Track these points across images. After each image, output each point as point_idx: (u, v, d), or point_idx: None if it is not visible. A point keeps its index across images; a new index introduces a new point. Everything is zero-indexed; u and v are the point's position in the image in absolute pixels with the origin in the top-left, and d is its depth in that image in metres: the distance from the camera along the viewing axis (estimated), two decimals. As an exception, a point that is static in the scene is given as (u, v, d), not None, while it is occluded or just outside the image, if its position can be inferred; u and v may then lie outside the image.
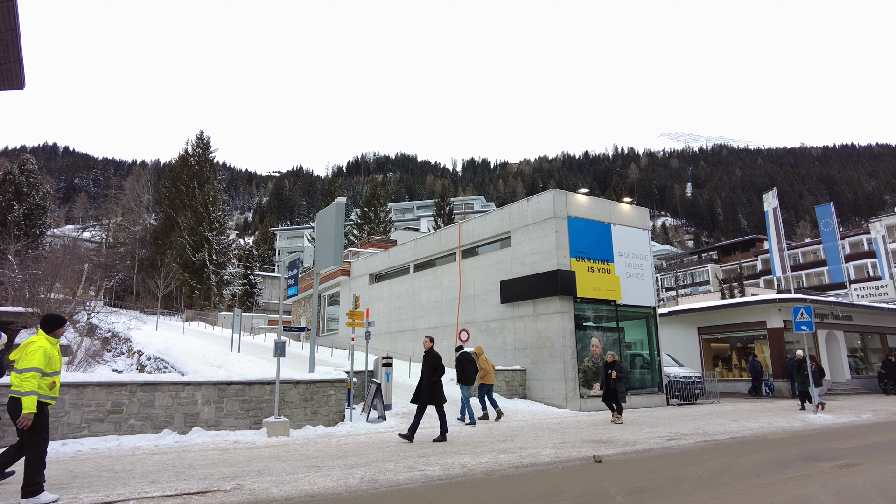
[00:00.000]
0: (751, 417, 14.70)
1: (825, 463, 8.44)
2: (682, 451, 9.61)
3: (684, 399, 19.41)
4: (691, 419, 14.38)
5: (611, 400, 13.41)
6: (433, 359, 10.33)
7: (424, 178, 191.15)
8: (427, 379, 10.15)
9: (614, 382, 13.25)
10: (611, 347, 18.21)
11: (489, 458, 8.63)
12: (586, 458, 8.71)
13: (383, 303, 25.56)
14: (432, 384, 10.14)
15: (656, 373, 18.87)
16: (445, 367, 10.74)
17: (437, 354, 10.47)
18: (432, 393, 10.16)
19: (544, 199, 18.17)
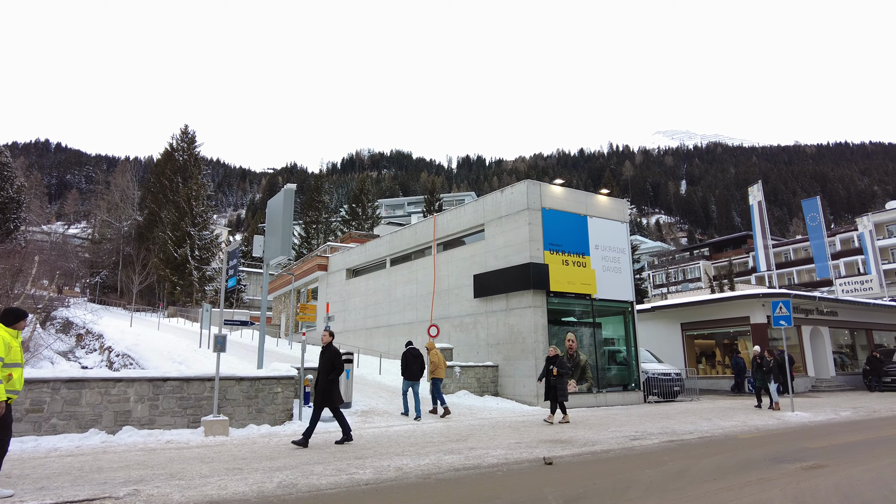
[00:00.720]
0: (726, 416, 14.18)
1: (790, 465, 7.90)
2: (643, 452, 9.06)
3: (663, 396, 18.90)
4: (664, 418, 13.85)
5: (552, 398, 12.40)
6: (331, 355, 9.32)
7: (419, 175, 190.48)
8: (323, 377, 9.17)
9: (556, 379, 12.33)
10: (587, 343, 17.69)
11: (431, 460, 8.06)
12: (537, 460, 8.16)
13: (360, 298, 24.95)
14: (328, 383, 9.14)
15: (633, 369, 18.33)
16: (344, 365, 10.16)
17: (336, 350, 9.51)
18: (325, 393, 9.11)
19: (518, 190, 17.58)
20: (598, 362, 17.50)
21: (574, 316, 17.95)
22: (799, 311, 24.16)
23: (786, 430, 11.95)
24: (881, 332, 29.42)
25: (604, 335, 18.67)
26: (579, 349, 17.53)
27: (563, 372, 12.36)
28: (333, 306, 27.10)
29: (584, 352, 17.53)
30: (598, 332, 18.07)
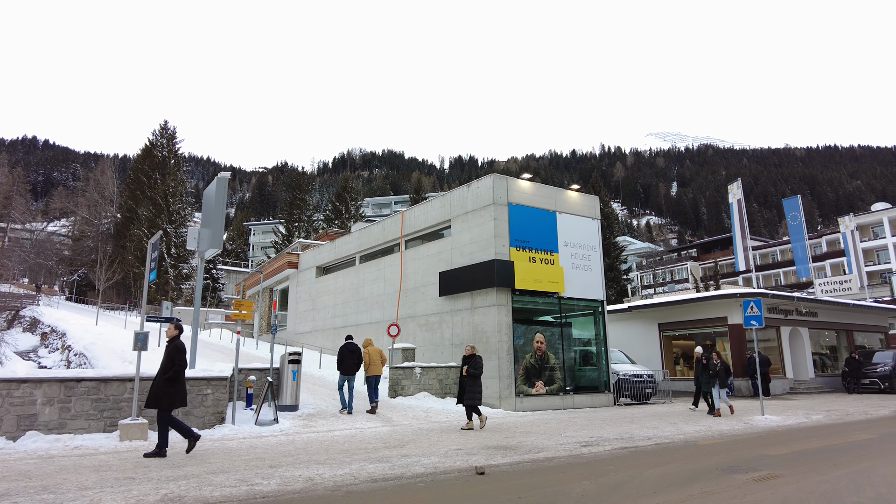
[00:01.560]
0: (693, 420, 13.58)
1: (742, 475, 7.28)
2: (590, 460, 8.43)
3: (635, 399, 18.31)
4: (627, 421, 13.24)
5: (465, 401, 11.40)
6: (172, 351, 8.13)
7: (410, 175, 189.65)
8: (159, 377, 8.04)
9: (466, 380, 11.29)
10: (556, 343, 17.07)
11: (352, 469, 7.39)
12: (469, 470, 7.52)
13: (329, 297, 24.23)
14: (163, 383, 7.95)
15: (603, 371, 17.72)
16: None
17: (180, 346, 8.22)
18: (157, 394, 7.92)
19: (484, 185, 16.94)
20: (564, 363, 16.87)
21: (542, 315, 17.33)
22: (778, 311, 23.68)
23: (751, 435, 11.36)
24: (863, 334, 29.03)
25: (574, 335, 18.05)
26: (548, 350, 16.94)
27: (474, 372, 11.32)
28: (303, 305, 26.37)
29: (552, 352, 16.93)
30: (567, 332, 17.45)
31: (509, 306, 15.99)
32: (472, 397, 11.18)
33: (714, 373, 14.42)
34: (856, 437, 11.07)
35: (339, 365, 13.35)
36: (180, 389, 8.09)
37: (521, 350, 16.34)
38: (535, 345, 16.68)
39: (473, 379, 11.22)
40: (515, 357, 15.93)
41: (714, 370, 14.42)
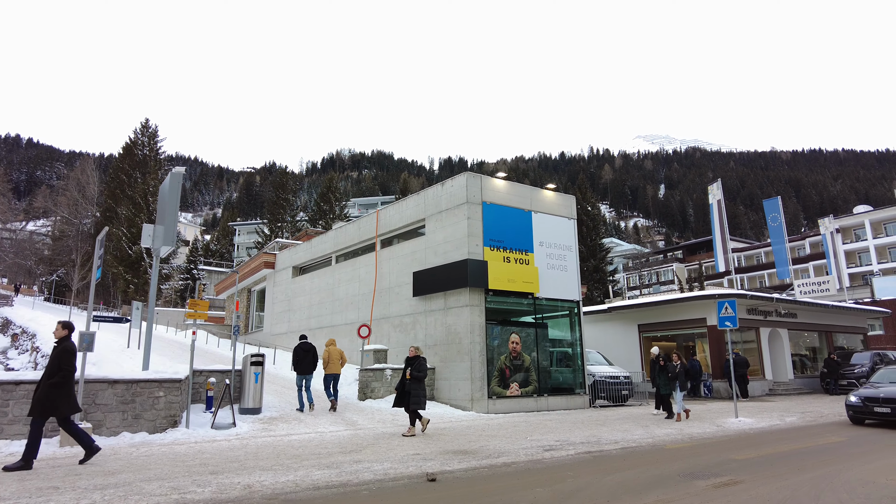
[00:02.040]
0: (665, 422, 13.35)
1: (703, 481, 7.03)
2: (550, 465, 8.14)
3: (612, 401, 18.10)
4: (598, 424, 12.99)
5: (404, 404, 10.76)
6: (60, 353, 7.37)
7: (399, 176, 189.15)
8: (43, 381, 7.28)
9: (411, 384, 10.66)
10: (531, 344, 16.80)
11: (297, 476, 7.05)
12: (420, 476, 7.21)
13: (305, 297, 23.81)
14: (48, 388, 7.19)
15: (579, 372, 17.48)
16: None
17: (69, 347, 7.48)
18: (42, 401, 7.14)
19: (458, 183, 16.65)
20: (539, 364, 16.61)
21: (517, 316, 17.07)
22: (757, 312, 23.61)
23: (721, 439, 11.13)
24: (844, 335, 29.10)
25: (550, 336, 17.79)
26: (523, 351, 16.67)
27: (418, 375, 10.75)
28: (279, 306, 25.93)
29: (528, 353, 16.67)
30: (542, 333, 17.19)
31: (482, 307, 15.70)
32: (417, 401, 10.58)
33: (673, 375, 13.87)
34: (826, 439, 10.90)
35: (294, 365, 13.34)
36: (66, 395, 7.30)
37: (497, 351, 16.06)
38: (510, 346, 16.40)
39: (417, 382, 10.66)
40: (489, 358, 15.63)
41: (673, 372, 13.89)
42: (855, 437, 11.20)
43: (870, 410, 12.25)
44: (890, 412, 11.91)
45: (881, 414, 12.08)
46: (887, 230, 59.11)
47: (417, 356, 10.88)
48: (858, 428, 12.37)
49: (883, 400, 12.13)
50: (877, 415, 12.16)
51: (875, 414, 12.18)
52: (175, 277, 46.57)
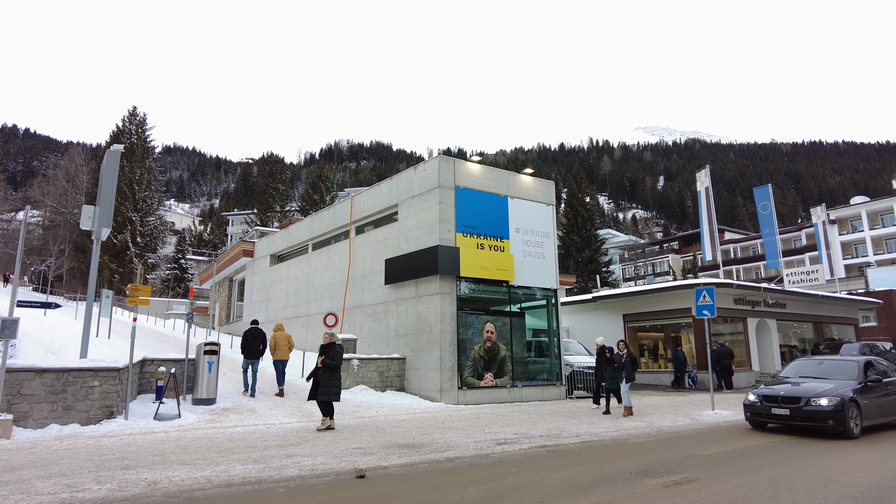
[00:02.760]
0: (636, 415, 12.84)
1: (654, 479, 6.52)
2: (498, 460, 7.64)
3: (590, 392, 17.56)
4: (567, 416, 12.49)
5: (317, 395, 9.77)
6: None
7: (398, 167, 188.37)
8: None
9: (323, 373, 9.73)
10: (508, 333, 16.28)
11: (216, 471, 6.55)
12: (350, 472, 6.69)
13: (281, 286, 23.28)
14: None
15: (555, 363, 16.97)
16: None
17: None
18: None
19: (430, 167, 16.05)
20: (513, 354, 16.09)
21: (493, 304, 16.52)
22: (745, 302, 23.08)
23: (691, 432, 10.62)
24: (836, 326, 28.58)
25: (527, 325, 17.26)
26: (498, 340, 16.16)
27: (331, 363, 9.71)
28: (257, 295, 25.41)
29: (504, 343, 16.15)
30: (519, 322, 16.65)
31: (454, 295, 15.16)
32: (327, 392, 9.65)
33: (620, 366, 12.82)
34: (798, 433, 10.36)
35: (242, 349, 13.31)
36: None
37: (471, 341, 15.55)
38: (484, 335, 15.89)
39: (331, 371, 9.74)
40: (461, 348, 15.12)
41: (620, 363, 12.83)
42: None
43: (767, 412, 9.99)
44: (789, 414, 9.69)
45: (779, 416, 9.84)
46: (884, 221, 58.50)
47: (332, 343, 10.02)
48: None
49: (782, 399, 9.87)
50: (775, 417, 9.92)
51: (773, 416, 9.94)
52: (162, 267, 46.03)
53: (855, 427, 9.45)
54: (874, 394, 10.10)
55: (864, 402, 9.71)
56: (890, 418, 10.53)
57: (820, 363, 11.41)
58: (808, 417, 9.50)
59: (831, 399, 9.41)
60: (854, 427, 9.44)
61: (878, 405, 10.13)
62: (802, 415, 9.54)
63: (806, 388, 10.01)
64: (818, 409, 9.39)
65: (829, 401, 9.40)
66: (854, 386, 9.85)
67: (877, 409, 10.06)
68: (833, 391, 9.61)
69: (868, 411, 9.76)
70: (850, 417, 9.36)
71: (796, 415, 9.61)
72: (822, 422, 9.37)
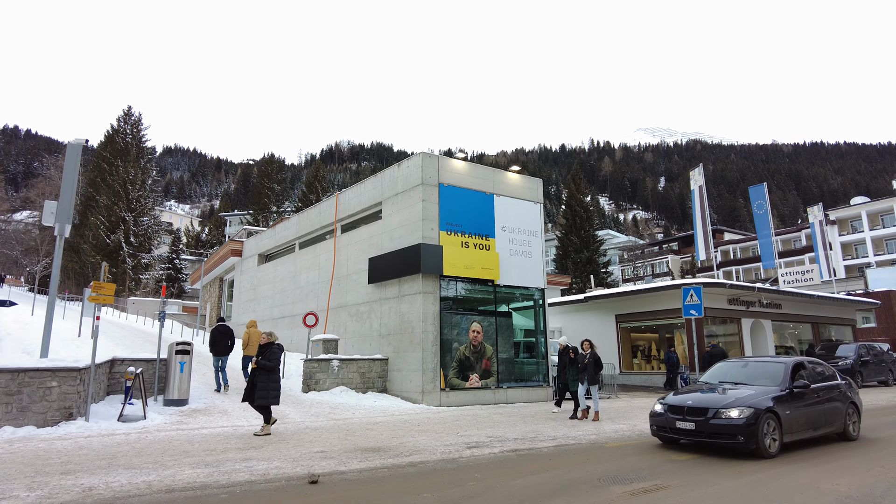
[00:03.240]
0: (620, 417, 12.51)
1: (622, 487, 6.17)
2: (462, 465, 7.30)
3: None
4: (546, 419, 12.18)
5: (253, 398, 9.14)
6: None
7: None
8: None
9: (259, 375, 9.06)
10: (494, 333, 15.95)
11: (161, 475, 6.24)
12: (303, 478, 6.37)
13: (269, 286, 22.98)
14: None
15: (542, 363, 16.62)
16: None
17: None
18: None
19: (413, 164, 15.73)
20: (500, 355, 15.76)
21: (479, 304, 16.18)
22: (739, 302, 22.72)
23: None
24: (834, 327, 28.18)
25: (514, 325, 16.92)
26: (484, 341, 15.83)
27: (266, 365, 9.05)
28: (245, 294, 25.11)
29: (490, 343, 15.83)
30: (505, 322, 16.32)
31: (436, 294, 14.84)
32: (265, 395, 9.05)
33: (582, 366, 12.10)
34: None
35: (211, 346, 13.49)
36: None
37: (456, 341, 15.23)
38: (470, 335, 15.57)
39: (267, 373, 9.08)
40: (445, 348, 14.80)
41: (582, 363, 12.10)
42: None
43: (672, 425, 8.29)
44: (694, 429, 8.00)
45: (684, 431, 8.17)
46: (884, 222, 58.05)
47: (271, 343, 9.50)
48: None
49: (688, 411, 8.15)
50: (680, 432, 8.24)
51: (678, 431, 8.26)
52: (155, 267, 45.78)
53: (771, 444, 7.80)
54: (801, 402, 8.44)
55: (785, 412, 8.05)
56: (821, 431, 8.84)
57: (745, 365, 9.69)
58: (715, 433, 7.81)
59: (743, 410, 7.74)
60: (770, 444, 7.78)
61: (806, 416, 8.47)
62: (709, 429, 7.85)
63: (716, 396, 8.38)
64: (727, 423, 7.72)
65: (741, 412, 7.72)
66: (775, 393, 8.20)
67: (803, 421, 8.40)
68: (747, 400, 7.98)
69: (791, 424, 8.13)
70: (765, 432, 7.71)
71: (702, 429, 7.92)
72: (731, 438, 7.68)
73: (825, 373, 9.57)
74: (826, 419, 8.87)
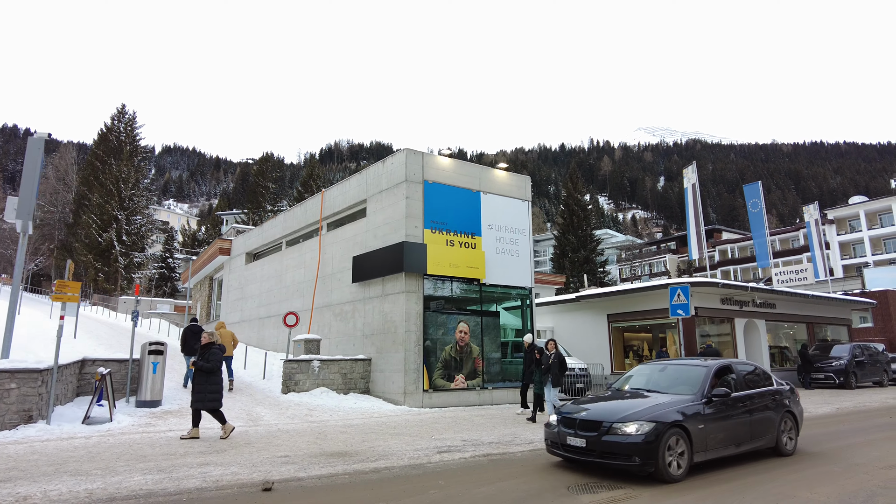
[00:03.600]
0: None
1: (590, 495, 5.92)
2: (429, 471, 7.03)
3: (566, 394, 16.96)
4: (526, 421, 11.85)
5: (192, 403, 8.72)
6: None
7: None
8: None
9: (197, 376, 8.65)
10: (480, 333, 15.66)
11: (106, 483, 5.97)
12: (258, 485, 6.07)
13: (256, 285, 22.68)
14: None
15: (530, 364, 16.31)
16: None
17: None
18: None
19: (397, 161, 15.44)
20: (484, 355, 15.47)
21: (466, 304, 15.88)
22: (732, 302, 22.41)
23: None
24: (830, 327, 27.86)
25: (509, 325, 16.63)
26: (471, 341, 15.55)
27: (205, 366, 8.57)
28: (233, 294, 24.82)
29: (477, 343, 15.54)
30: (492, 322, 16.02)
31: (420, 293, 14.55)
32: (201, 398, 8.56)
33: (546, 367, 11.56)
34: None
35: (182, 346, 13.63)
36: None
37: (442, 341, 14.94)
38: (457, 335, 15.28)
39: (205, 375, 8.60)
40: (430, 348, 14.52)
41: (546, 364, 11.54)
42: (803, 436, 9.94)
43: (563, 441, 6.92)
44: (585, 447, 6.65)
45: (575, 449, 6.78)
46: (882, 221, 57.76)
47: (211, 343, 8.93)
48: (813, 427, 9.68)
49: (580, 425, 6.81)
50: (571, 449, 6.84)
51: (568, 448, 6.87)
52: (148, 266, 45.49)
53: (677, 466, 6.43)
54: (721, 413, 7.13)
55: (698, 427, 6.73)
56: (747, 447, 7.51)
57: (662, 369, 8.31)
58: (608, 452, 6.44)
59: (641, 425, 6.39)
60: (675, 466, 6.42)
61: (726, 429, 7.16)
62: (602, 448, 6.47)
63: (612, 407, 7.00)
64: (622, 441, 6.36)
65: (639, 427, 6.38)
66: (688, 403, 6.90)
67: (722, 436, 7.08)
68: (649, 412, 6.59)
69: (706, 440, 6.81)
70: (667, 452, 6.37)
71: (594, 448, 6.54)
72: (626, 458, 6.32)
73: (758, 378, 8.31)
74: (753, 432, 7.57)
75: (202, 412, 8.80)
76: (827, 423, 11.82)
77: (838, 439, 9.73)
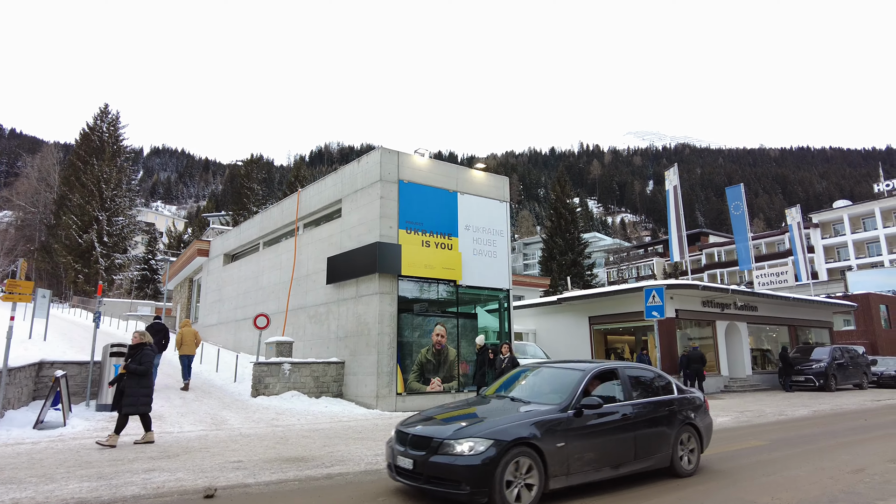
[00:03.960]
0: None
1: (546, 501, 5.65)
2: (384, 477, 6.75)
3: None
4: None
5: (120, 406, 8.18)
6: None
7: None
8: None
9: (127, 380, 8.17)
10: (457, 335, 15.44)
11: (44, 489, 5.75)
12: (198, 492, 5.81)
13: (233, 286, 22.33)
14: None
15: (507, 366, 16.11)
16: None
17: None
18: None
19: (372, 160, 15.22)
20: (460, 358, 15.25)
21: (443, 306, 15.66)
22: (713, 305, 22.39)
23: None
24: (812, 329, 27.94)
25: (480, 327, 16.42)
26: (448, 343, 15.33)
27: (135, 369, 8.15)
28: (211, 295, 24.45)
29: (452, 346, 15.32)
30: (469, 324, 15.81)
31: (394, 294, 14.31)
32: (132, 402, 8.11)
33: (499, 371, 11.08)
34: (747, 443, 9.57)
35: None
36: None
37: (418, 343, 14.71)
38: (434, 337, 15.05)
39: (136, 378, 8.18)
40: (405, 351, 14.29)
41: (500, 368, 11.09)
42: (777, 440, 9.77)
43: (394, 460, 5.71)
44: (412, 469, 5.40)
45: (402, 471, 5.56)
46: (865, 225, 58.30)
47: (142, 344, 8.46)
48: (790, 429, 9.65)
49: (412, 442, 5.56)
50: (399, 471, 5.63)
51: (398, 469, 5.65)
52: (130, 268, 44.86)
53: (520, 495, 5.18)
54: (593, 428, 5.87)
55: (557, 445, 5.46)
56: (629, 468, 6.18)
57: (537, 373, 6.97)
58: (435, 476, 5.20)
59: (477, 443, 5.14)
60: (517, 495, 5.15)
61: (599, 447, 5.87)
62: (429, 471, 5.24)
63: (456, 419, 5.81)
64: (450, 463, 5.11)
65: (472, 446, 5.13)
66: (548, 416, 5.63)
67: (593, 456, 5.79)
68: (491, 427, 5.35)
69: (568, 461, 5.53)
70: (509, 478, 5.12)
71: (421, 470, 5.30)
72: (453, 486, 5.08)
73: (652, 384, 6.98)
74: (639, 450, 6.24)
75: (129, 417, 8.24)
76: (800, 427, 11.69)
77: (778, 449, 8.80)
